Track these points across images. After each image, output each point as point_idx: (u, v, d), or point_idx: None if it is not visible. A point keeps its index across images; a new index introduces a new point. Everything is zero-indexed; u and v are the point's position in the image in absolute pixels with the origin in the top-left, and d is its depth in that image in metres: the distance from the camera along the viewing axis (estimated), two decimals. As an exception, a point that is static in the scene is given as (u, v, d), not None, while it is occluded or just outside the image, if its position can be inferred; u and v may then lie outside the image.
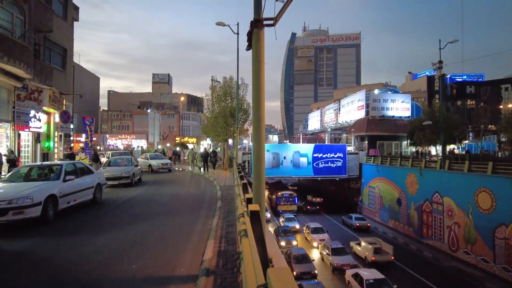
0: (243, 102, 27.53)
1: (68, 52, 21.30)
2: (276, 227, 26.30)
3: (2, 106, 14.88)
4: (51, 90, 18.42)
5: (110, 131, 64.07)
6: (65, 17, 21.01)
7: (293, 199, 33.76)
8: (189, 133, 71.97)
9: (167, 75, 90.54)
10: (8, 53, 13.31)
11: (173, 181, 18.36)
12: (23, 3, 14.57)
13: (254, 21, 4.24)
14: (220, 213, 8.72)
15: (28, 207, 7.23)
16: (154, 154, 26.82)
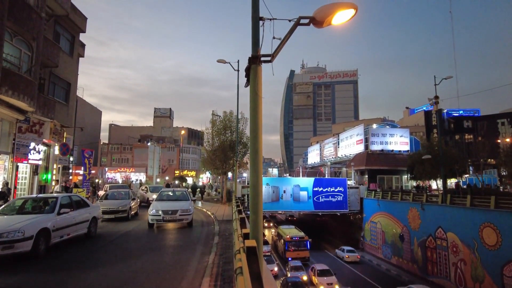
0: (242, 135, 27.74)
1: (72, 86, 21.80)
2: (284, 279, 22.01)
3: (3, 138, 14.95)
4: (53, 123, 18.63)
5: (109, 164, 63.95)
6: (71, 53, 21.73)
7: (305, 244, 28.70)
8: (188, 166, 71.79)
9: (169, 109, 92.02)
10: (13, 87, 13.60)
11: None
12: (31, 41, 15.10)
13: (252, 58, 4.36)
14: (217, 249, 8.44)
15: (19, 241, 7.01)
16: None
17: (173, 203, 13.18)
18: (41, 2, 16.20)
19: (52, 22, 19.21)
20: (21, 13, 14.20)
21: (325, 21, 4.77)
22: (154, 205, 12.86)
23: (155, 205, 12.87)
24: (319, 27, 4.91)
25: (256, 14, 4.52)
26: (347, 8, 4.73)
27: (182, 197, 14.52)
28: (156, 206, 12.72)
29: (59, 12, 19.09)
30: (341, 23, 4.96)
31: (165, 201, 13.85)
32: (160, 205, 12.82)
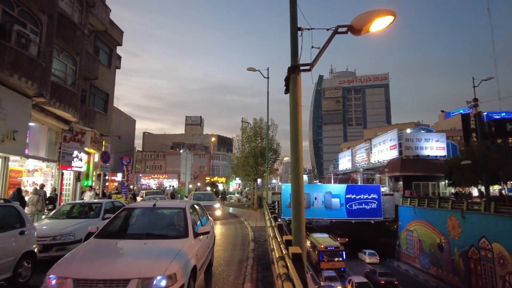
0: (272, 142, 27.84)
1: (110, 97, 22.95)
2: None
3: (51, 147, 15.99)
4: (93, 132, 19.67)
5: (143, 170, 66.22)
6: (109, 66, 22.93)
7: (340, 254, 27.27)
8: (218, 172, 72.80)
9: (199, 117, 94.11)
10: (60, 99, 14.57)
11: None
12: (76, 56, 16.13)
13: (291, 67, 4.46)
14: (254, 255, 8.53)
15: (70, 244, 7.49)
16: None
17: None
18: (84, 20, 17.30)
19: (93, 37, 20.39)
20: (67, 31, 15.24)
21: (363, 29, 4.78)
22: None
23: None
24: (357, 35, 4.93)
25: (294, 25, 4.63)
26: (386, 15, 4.72)
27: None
28: None
29: (99, 28, 20.25)
30: (379, 30, 4.95)
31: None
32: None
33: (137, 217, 6.12)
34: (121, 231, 5.57)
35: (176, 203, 6.75)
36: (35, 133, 14.34)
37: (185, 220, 5.59)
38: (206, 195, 22.02)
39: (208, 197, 21.40)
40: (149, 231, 5.49)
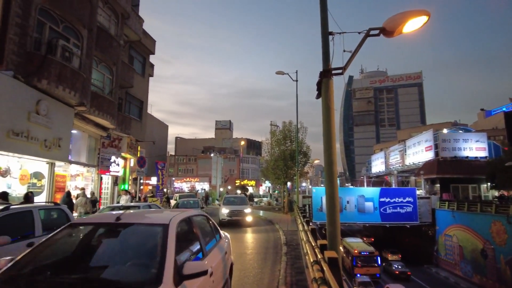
0: (302, 145, 27.66)
1: (144, 104, 23.88)
2: None
3: (91, 153, 16.90)
4: (129, 138, 20.55)
5: (176, 174, 68.06)
6: (143, 74, 23.87)
7: (375, 260, 26.79)
8: (248, 176, 73.28)
9: (229, 121, 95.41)
10: (99, 107, 15.38)
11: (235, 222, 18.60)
12: (112, 65, 16.98)
13: (323, 72, 4.48)
14: (287, 259, 8.55)
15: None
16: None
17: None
18: (119, 31, 18.18)
19: (127, 47, 21.35)
20: (104, 43, 16.10)
21: (396, 30, 4.71)
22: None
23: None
24: (389, 37, 4.86)
25: (325, 30, 4.65)
26: (419, 15, 4.63)
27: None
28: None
29: (133, 38, 21.18)
30: (412, 30, 4.85)
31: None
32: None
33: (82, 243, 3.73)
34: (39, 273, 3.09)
35: (156, 216, 4.25)
36: (77, 140, 15.22)
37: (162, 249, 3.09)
38: (238, 199, 20.29)
39: (240, 201, 19.61)
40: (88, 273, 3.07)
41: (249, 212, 17.84)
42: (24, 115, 10.92)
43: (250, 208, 18.49)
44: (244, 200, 19.80)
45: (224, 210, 17.56)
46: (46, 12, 11.98)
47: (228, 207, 17.95)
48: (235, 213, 17.40)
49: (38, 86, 11.37)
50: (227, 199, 19.75)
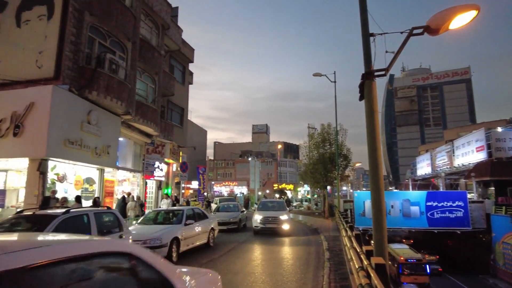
0: (342, 147, 27.03)
1: (185, 111, 24.72)
2: None
3: (136, 159, 17.78)
4: (172, 144, 21.34)
5: (215, 178, 69.46)
6: (183, 82, 24.74)
7: (423, 268, 24.90)
8: (286, 179, 72.92)
9: (265, 125, 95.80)
10: (143, 116, 16.17)
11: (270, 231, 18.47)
12: (155, 75, 17.79)
13: (365, 74, 4.39)
14: (330, 265, 8.39)
15: (158, 247, 8.25)
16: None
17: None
18: (160, 42, 19.03)
19: (168, 57, 22.27)
20: (147, 54, 16.93)
21: (442, 28, 4.49)
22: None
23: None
24: (434, 35, 4.64)
25: (366, 31, 4.55)
26: (468, 10, 4.38)
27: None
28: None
29: (173, 48, 22.05)
30: (459, 26, 4.60)
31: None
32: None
33: None
34: None
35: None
36: (123, 147, 16.09)
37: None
38: (275, 204, 17.74)
39: (277, 206, 17.23)
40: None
41: (286, 219, 15.33)
42: (78, 125, 11.77)
43: (288, 214, 16.10)
44: (282, 205, 17.34)
45: (257, 217, 15.32)
46: (95, 29, 12.88)
47: (262, 213, 15.82)
48: (269, 220, 15.17)
49: (89, 98, 12.22)
50: (263, 204, 17.65)
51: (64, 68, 11.32)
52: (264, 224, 15.13)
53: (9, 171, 11.90)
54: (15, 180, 11.83)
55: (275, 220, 15.19)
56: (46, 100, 10.63)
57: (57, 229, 5.34)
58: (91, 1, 12.55)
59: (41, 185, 10.88)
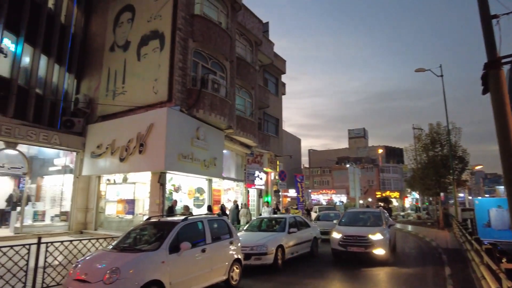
0: (457, 148, 23.84)
1: (279, 121, 25.31)
2: None
3: (238, 169, 18.87)
4: (269, 153, 22.04)
5: (312, 186, 68.82)
6: (276, 94, 25.42)
7: None
8: (390, 186, 67.66)
9: (362, 129, 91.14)
10: (243, 128, 17.13)
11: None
12: (251, 90, 18.74)
13: (489, 63, 3.81)
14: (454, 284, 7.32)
15: (264, 254, 8.52)
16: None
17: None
18: (254, 58, 20.00)
19: (262, 70, 23.23)
20: (243, 70, 17.97)
21: None
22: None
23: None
24: None
25: (486, 13, 3.96)
26: None
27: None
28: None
29: (266, 62, 22.92)
30: None
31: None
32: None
33: None
34: None
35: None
36: (227, 159, 17.24)
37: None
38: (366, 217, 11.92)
39: (368, 220, 11.58)
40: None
41: (381, 240, 9.93)
42: (189, 140, 13.14)
43: (386, 232, 10.32)
44: (376, 218, 11.42)
45: (336, 235, 10.44)
46: (198, 53, 14.30)
47: (344, 229, 10.74)
48: (353, 240, 10.08)
49: (197, 116, 13.55)
50: (348, 216, 12.20)
51: (175, 91, 12.83)
52: (345, 247, 10.07)
53: (137, 183, 13.92)
54: (141, 191, 13.77)
55: (363, 241, 9.93)
56: (162, 120, 12.19)
57: (178, 234, 5.99)
58: (193, 29, 14.01)
59: (161, 195, 12.44)
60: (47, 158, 15.37)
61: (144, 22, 14.48)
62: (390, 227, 11.33)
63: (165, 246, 5.59)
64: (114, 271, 4.85)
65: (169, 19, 13.45)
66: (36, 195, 15.09)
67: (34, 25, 13.50)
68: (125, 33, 15.15)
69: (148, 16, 14.37)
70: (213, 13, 15.58)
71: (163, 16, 13.77)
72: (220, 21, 15.80)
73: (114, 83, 14.96)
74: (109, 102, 14.63)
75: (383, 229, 10.41)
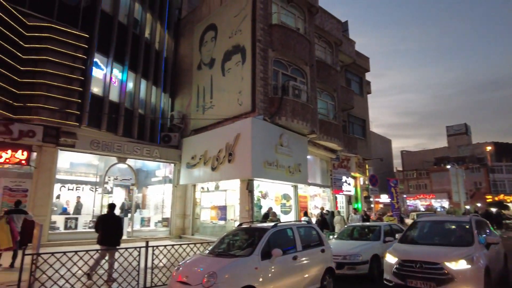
0: None
1: (366, 122, 24.03)
2: None
3: (324, 175, 18.42)
4: (356, 157, 21.03)
5: (407, 191, 63.24)
6: (361, 93, 24.25)
7: None
8: (504, 189, 58.14)
9: (464, 124, 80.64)
10: (327, 132, 16.71)
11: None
12: (333, 92, 18.23)
13: None
14: None
15: (358, 264, 8.05)
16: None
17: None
18: (335, 59, 19.44)
19: (343, 71, 22.44)
20: (324, 73, 17.61)
21: None
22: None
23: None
24: None
25: None
26: None
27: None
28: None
29: (347, 61, 22.08)
30: None
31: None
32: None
33: None
34: None
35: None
36: (311, 164, 16.98)
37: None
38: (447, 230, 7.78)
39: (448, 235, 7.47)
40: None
41: (467, 270, 5.87)
42: (273, 148, 13.35)
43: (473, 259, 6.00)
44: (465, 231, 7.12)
45: (391, 258, 6.79)
46: (278, 61, 14.52)
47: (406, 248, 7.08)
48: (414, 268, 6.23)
49: (279, 123, 13.70)
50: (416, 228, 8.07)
51: (258, 101, 13.21)
52: (403, 279, 6.32)
53: (228, 190, 14.65)
54: (232, 198, 14.43)
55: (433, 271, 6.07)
56: (248, 130, 12.65)
57: (269, 240, 6.04)
58: (272, 38, 14.29)
59: (250, 201, 12.85)
60: (150, 170, 17.30)
61: (226, 39, 15.34)
62: (490, 247, 6.77)
63: (257, 252, 5.69)
64: (212, 275, 5.11)
65: (249, 32, 13.99)
66: (142, 203, 17.09)
67: (135, 54, 15.46)
68: (210, 51, 16.27)
69: (229, 32, 15.19)
70: (290, 20, 15.69)
71: (243, 30, 14.39)
72: (298, 27, 15.82)
73: (203, 99, 16.14)
74: (200, 117, 15.82)
75: (473, 252, 6.17)
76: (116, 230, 7.73)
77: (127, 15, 15.30)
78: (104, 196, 14.59)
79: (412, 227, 8.07)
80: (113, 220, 7.82)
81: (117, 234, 7.71)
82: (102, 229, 7.64)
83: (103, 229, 7.64)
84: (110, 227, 7.66)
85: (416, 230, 7.97)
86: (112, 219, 7.84)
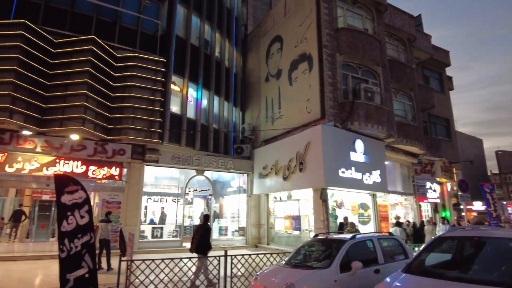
0: None
1: (450, 121, 21.80)
2: None
3: (405, 181, 17.08)
4: (442, 161, 19.11)
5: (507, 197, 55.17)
6: (442, 91, 22.13)
7: None
8: None
9: None
10: (406, 135, 15.55)
11: None
12: (410, 91, 16.95)
13: None
14: None
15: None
16: None
17: None
18: (409, 56, 18.12)
19: (420, 68, 20.75)
20: (398, 72, 16.50)
21: None
22: None
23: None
24: None
25: None
26: None
27: None
28: None
29: (424, 57, 20.39)
30: None
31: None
32: None
33: None
34: None
35: None
36: (390, 170, 15.89)
37: None
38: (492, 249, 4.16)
39: None
40: None
41: None
42: (346, 154, 12.85)
43: None
44: None
45: None
46: (347, 65, 14.06)
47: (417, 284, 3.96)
48: None
49: (352, 128, 13.16)
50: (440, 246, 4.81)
51: (327, 107, 12.90)
52: None
53: (300, 200, 14.47)
54: (305, 207, 14.21)
55: None
56: (318, 138, 12.39)
57: (348, 252, 5.77)
58: (339, 42, 13.92)
59: (324, 211, 12.48)
60: (225, 181, 18.04)
61: (291, 48, 15.42)
62: None
63: (336, 264, 5.47)
64: (289, 286, 5.05)
65: (315, 39, 13.85)
66: (219, 213, 17.83)
67: (207, 72, 16.44)
68: (276, 63, 16.50)
69: (294, 41, 15.25)
70: (357, 21, 15.14)
71: (308, 38, 14.31)
72: (365, 27, 15.18)
73: (272, 110, 16.38)
74: (269, 127, 16.05)
75: None
76: (204, 239, 8.21)
77: (198, 37, 16.38)
78: (185, 207, 15.61)
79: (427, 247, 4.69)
80: (202, 230, 8.36)
81: (204, 244, 8.19)
82: (194, 238, 8.32)
83: (194, 237, 8.30)
84: (200, 236, 8.20)
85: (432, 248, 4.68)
86: (201, 229, 8.40)
